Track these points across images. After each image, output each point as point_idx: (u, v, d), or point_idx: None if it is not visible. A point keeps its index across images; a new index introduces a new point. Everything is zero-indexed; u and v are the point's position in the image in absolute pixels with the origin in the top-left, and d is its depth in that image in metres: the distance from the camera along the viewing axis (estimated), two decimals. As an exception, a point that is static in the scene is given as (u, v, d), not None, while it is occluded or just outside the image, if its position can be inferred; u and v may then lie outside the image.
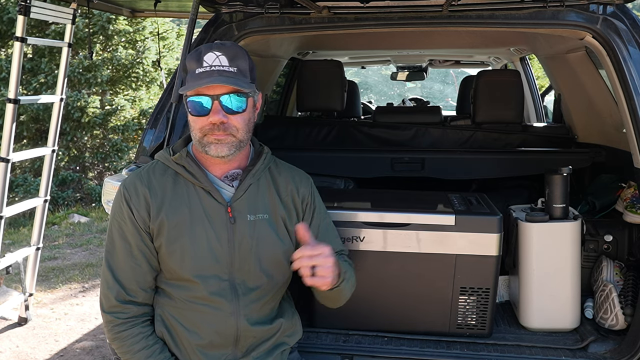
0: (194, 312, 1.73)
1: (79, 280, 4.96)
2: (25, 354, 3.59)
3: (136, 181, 1.74)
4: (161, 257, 1.74)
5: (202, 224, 1.71)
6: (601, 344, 2.11)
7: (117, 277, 1.72)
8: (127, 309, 1.72)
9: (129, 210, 1.71)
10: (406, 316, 2.16)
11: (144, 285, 1.74)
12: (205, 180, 1.73)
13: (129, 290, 1.72)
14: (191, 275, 1.71)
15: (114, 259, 1.74)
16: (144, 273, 1.74)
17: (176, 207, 1.72)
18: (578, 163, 2.95)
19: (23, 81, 9.66)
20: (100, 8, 3.56)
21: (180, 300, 1.74)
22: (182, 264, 1.71)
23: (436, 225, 2.07)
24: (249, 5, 2.26)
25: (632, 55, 2.06)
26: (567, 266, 2.19)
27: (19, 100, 3.56)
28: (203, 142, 1.69)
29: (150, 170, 1.77)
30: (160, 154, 1.81)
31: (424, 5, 2.15)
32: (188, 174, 1.74)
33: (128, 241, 1.72)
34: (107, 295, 1.73)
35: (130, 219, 1.71)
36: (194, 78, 1.67)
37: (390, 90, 19.46)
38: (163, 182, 1.74)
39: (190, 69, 1.69)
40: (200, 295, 1.71)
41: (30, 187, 8.95)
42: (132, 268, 1.72)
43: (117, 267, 1.73)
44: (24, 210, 3.97)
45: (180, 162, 1.75)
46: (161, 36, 10.69)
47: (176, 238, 1.70)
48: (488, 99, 3.31)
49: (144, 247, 1.72)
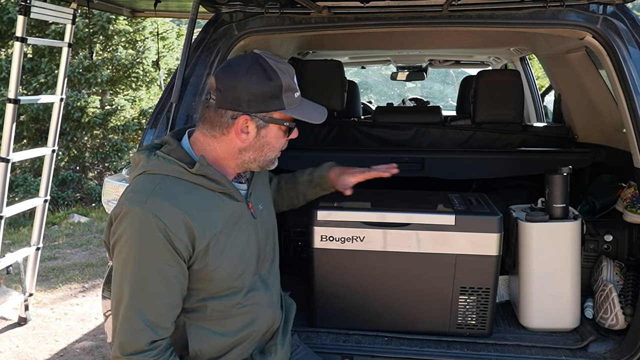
0: (234, 318, 1.69)
1: (79, 280, 4.96)
2: (25, 354, 3.59)
3: (167, 206, 1.53)
4: (203, 276, 1.61)
5: (235, 228, 1.67)
6: (601, 343, 2.11)
7: (149, 319, 1.53)
8: (156, 345, 1.56)
9: (165, 241, 1.51)
10: (406, 316, 2.16)
11: (175, 318, 1.61)
12: (229, 184, 1.67)
13: (161, 330, 1.56)
14: (235, 283, 1.66)
15: (144, 300, 1.54)
16: (178, 307, 1.60)
17: (212, 220, 1.61)
18: (578, 163, 2.95)
19: (23, 81, 9.66)
20: (100, 8, 3.56)
21: (218, 311, 1.66)
22: (228, 275, 1.64)
23: (436, 225, 2.07)
24: (249, 5, 2.26)
25: (632, 55, 2.06)
26: (567, 266, 2.19)
27: (19, 100, 3.57)
28: (273, 159, 1.72)
29: (172, 190, 1.57)
30: (166, 167, 1.60)
31: (424, 5, 2.15)
32: (210, 182, 1.62)
33: (165, 277, 1.54)
34: (134, 339, 1.54)
35: (169, 249, 1.52)
36: (299, 103, 1.68)
37: (390, 90, 19.44)
38: (191, 199, 1.58)
39: (288, 88, 1.63)
40: (240, 298, 1.68)
41: (30, 187, 8.95)
42: (168, 305, 1.56)
43: (149, 308, 1.54)
44: (24, 210, 3.98)
45: (202, 171, 1.61)
46: (161, 36, 10.70)
47: (220, 252, 1.61)
48: (488, 99, 3.31)
49: (181, 278, 1.57)
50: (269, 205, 1.89)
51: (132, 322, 1.54)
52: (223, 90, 1.61)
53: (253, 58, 1.63)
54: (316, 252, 2.13)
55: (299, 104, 1.68)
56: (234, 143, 1.65)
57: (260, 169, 1.74)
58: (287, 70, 1.64)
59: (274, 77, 1.60)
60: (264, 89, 1.60)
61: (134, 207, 1.52)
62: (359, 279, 2.15)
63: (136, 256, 1.53)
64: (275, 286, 1.84)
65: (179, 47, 10.83)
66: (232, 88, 1.60)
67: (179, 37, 11.09)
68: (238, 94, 1.60)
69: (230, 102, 1.60)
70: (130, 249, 1.53)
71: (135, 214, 1.52)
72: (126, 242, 1.54)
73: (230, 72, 1.62)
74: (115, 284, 1.58)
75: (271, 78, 1.60)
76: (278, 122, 1.64)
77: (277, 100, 1.62)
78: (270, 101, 1.61)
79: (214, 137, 1.65)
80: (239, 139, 1.63)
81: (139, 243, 1.53)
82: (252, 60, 1.62)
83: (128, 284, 1.54)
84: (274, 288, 1.82)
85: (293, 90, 1.65)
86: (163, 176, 1.59)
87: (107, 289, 2.22)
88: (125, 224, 1.53)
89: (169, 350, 1.59)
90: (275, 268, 1.86)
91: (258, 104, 1.61)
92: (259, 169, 1.74)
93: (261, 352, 1.79)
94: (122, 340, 1.55)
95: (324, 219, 2.11)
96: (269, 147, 1.67)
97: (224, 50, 2.28)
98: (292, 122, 1.68)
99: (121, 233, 1.54)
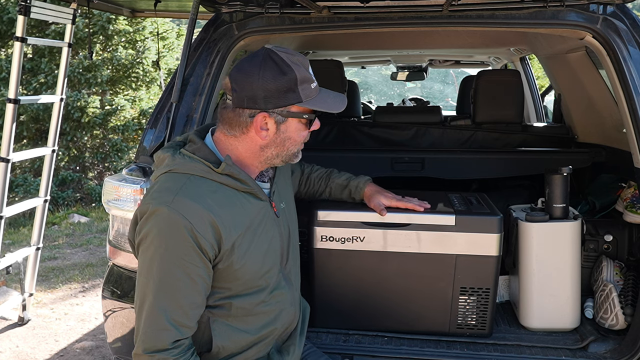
0: (258, 316, 1.69)
1: (79, 280, 4.96)
2: (25, 354, 3.59)
3: (194, 206, 1.53)
4: (228, 275, 1.61)
5: (259, 227, 1.68)
6: (601, 344, 2.11)
7: (173, 318, 1.54)
8: (179, 344, 1.56)
9: (191, 241, 1.51)
10: (406, 316, 2.16)
11: (198, 317, 1.61)
12: (253, 183, 1.67)
13: (184, 329, 1.56)
14: (259, 281, 1.67)
15: (169, 299, 1.54)
16: (201, 306, 1.60)
17: (237, 220, 1.61)
18: (578, 163, 2.95)
19: (23, 81, 9.66)
20: (100, 8, 3.57)
21: (242, 309, 1.66)
22: (253, 274, 1.65)
23: (436, 225, 2.07)
24: (249, 5, 2.26)
25: (632, 55, 2.06)
26: (567, 266, 2.19)
27: (19, 100, 3.57)
28: (296, 153, 1.72)
29: (198, 190, 1.57)
30: (192, 166, 1.60)
31: (424, 5, 2.15)
32: (235, 181, 1.62)
33: (190, 276, 1.53)
34: (157, 338, 1.54)
35: (195, 250, 1.52)
36: (316, 92, 1.67)
37: (390, 90, 19.44)
38: (218, 199, 1.58)
39: (303, 80, 1.62)
40: (264, 297, 1.69)
41: (30, 187, 8.95)
42: (193, 304, 1.57)
43: (174, 307, 1.54)
44: (24, 210, 3.97)
45: (227, 171, 1.60)
46: (161, 36, 10.70)
47: (245, 251, 1.62)
48: (488, 99, 3.31)
49: (206, 278, 1.57)
50: (291, 202, 1.91)
51: (156, 321, 1.54)
52: (238, 90, 1.60)
53: (265, 54, 1.61)
54: (316, 252, 2.13)
55: (317, 95, 1.67)
56: (254, 141, 1.65)
57: (284, 163, 1.74)
58: (300, 62, 1.63)
59: (287, 71, 1.59)
60: (278, 84, 1.59)
61: (161, 207, 1.52)
62: (359, 279, 2.15)
63: (162, 255, 1.53)
64: (297, 284, 1.86)
65: (179, 47, 10.84)
66: (247, 87, 1.59)
67: (179, 37, 11.10)
68: (254, 92, 1.59)
69: (247, 101, 1.60)
70: (157, 248, 1.53)
71: (161, 213, 1.51)
72: (152, 241, 1.53)
73: (243, 71, 1.61)
74: (139, 282, 1.58)
75: (285, 72, 1.59)
76: (297, 115, 1.64)
77: (293, 93, 1.61)
78: (287, 95, 1.60)
79: (234, 137, 1.65)
80: (259, 137, 1.63)
81: (165, 243, 1.52)
82: (264, 56, 1.61)
83: (153, 283, 1.54)
84: (296, 286, 1.84)
85: (309, 81, 1.64)
86: (189, 175, 1.59)
87: (107, 289, 2.22)
88: (152, 224, 1.53)
89: (191, 350, 1.60)
90: (297, 266, 1.88)
91: (274, 100, 1.60)
92: (283, 163, 1.74)
93: (278, 351, 1.80)
94: (145, 338, 1.55)
95: (324, 219, 2.11)
96: (290, 141, 1.67)
97: (224, 50, 2.28)
98: (311, 113, 1.68)
99: (147, 232, 1.54)
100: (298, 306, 1.85)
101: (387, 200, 2.08)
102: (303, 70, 1.63)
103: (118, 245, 2.19)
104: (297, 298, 1.86)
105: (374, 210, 2.09)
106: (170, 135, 2.20)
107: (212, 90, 2.26)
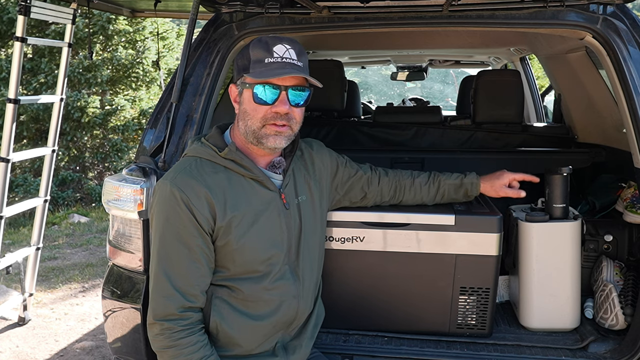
0: (257, 303, 1.75)
1: (79, 280, 4.96)
2: (25, 354, 3.59)
3: (191, 182, 1.67)
4: (227, 254, 1.71)
5: (263, 214, 1.74)
6: (601, 344, 2.11)
7: (177, 284, 1.66)
8: (187, 316, 1.67)
9: (188, 213, 1.65)
10: (406, 316, 2.16)
11: (204, 288, 1.71)
12: (258, 171, 1.76)
13: (190, 296, 1.67)
14: (260, 267, 1.74)
15: (171, 266, 1.67)
16: (205, 276, 1.70)
17: (237, 202, 1.71)
18: (578, 163, 2.95)
19: (23, 81, 9.66)
20: (100, 8, 3.56)
21: (243, 292, 1.73)
22: (251, 257, 1.72)
23: (436, 225, 2.07)
24: (249, 5, 2.26)
25: (632, 55, 2.06)
26: (567, 266, 2.19)
27: (19, 100, 3.57)
28: (260, 134, 1.72)
29: (199, 169, 1.71)
30: (201, 150, 1.76)
31: (424, 5, 2.15)
32: (239, 167, 1.73)
33: (188, 245, 1.66)
34: (164, 304, 1.66)
35: (191, 221, 1.65)
36: (264, 66, 1.69)
37: (390, 90, 19.46)
38: (217, 179, 1.71)
39: (257, 57, 1.70)
40: (267, 284, 1.75)
41: (30, 187, 8.95)
42: (194, 273, 1.67)
43: (176, 274, 1.66)
44: (24, 210, 3.97)
45: (230, 156, 1.73)
46: (161, 36, 10.71)
47: (243, 233, 1.70)
48: (488, 99, 3.31)
49: (205, 249, 1.68)
50: (316, 199, 1.92)
51: (162, 288, 1.67)
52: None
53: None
54: (316, 252, 2.13)
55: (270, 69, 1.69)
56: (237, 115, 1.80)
57: (258, 143, 1.75)
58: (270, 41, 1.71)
59: (251, 47, 1.73)
60: (242, 58, 1.76)
61: (165, 182, 1.69)
62: (358, 279, 2.15)
63: (164, 225, 1.68)
64: (309, 281, 1.87)
65: (179, 47, 10.84)
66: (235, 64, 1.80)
67: (179, 37, 11.10)
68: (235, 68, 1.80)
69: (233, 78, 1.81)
70: (159, 220, 1.69)
71: (165, 187, 1.68)
72: (157, 214, 1.70)
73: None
74: (151, 254, 1.73)
75: (249, 47, 1.73)
76: (249, 86, 1.72)
77: (246, 65, 1.73)
78: (243, 66, 1.75)
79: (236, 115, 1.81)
80: (236, 107, 1.80)
81: (166, 214, 1.67)
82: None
83: (157, 252, 1.69)
84: (306, 282, 1.85)
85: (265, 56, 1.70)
86: (197, 158, 1.75)
87: (107, 289, 2.22)
88: (157, 198, 1.70)
89: (200, 326, 1.69)
90: (312, 264, 1.88)
91: (237, 72, 1.77)
92: (257, 143, 1.75)
93: (284, 348, 1.82)
94: (155, 305, 1.68)
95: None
96: (248, 115, 1.74)
97: (224, 50, 2.27)
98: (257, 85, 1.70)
99: (154, 206, 1.72)
100: (305, 301, 1.85)
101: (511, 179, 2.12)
102: (265, 46, 1.70)
103: (118, 245, 2.19)
104: (307, 293, 1.86)
105: (373, 210, 2.09)
106: (170, 135, 2.20)
107: (212, 90, 2.26)
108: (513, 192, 2.12)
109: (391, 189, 2.11)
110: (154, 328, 1.68)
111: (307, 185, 1.90)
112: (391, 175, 2.12)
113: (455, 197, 2.14)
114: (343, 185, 2.05)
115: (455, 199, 2.15)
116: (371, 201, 2.11)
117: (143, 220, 2.06)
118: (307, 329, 1.89)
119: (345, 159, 2.09)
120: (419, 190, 2.12)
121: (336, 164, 2.03)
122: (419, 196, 2.13)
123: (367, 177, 2.08)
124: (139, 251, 2.09)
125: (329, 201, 2.01)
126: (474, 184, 2.12)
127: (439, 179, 2.13)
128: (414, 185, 2.12)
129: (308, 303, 1.87)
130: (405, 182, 2.12)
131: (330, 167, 2.01)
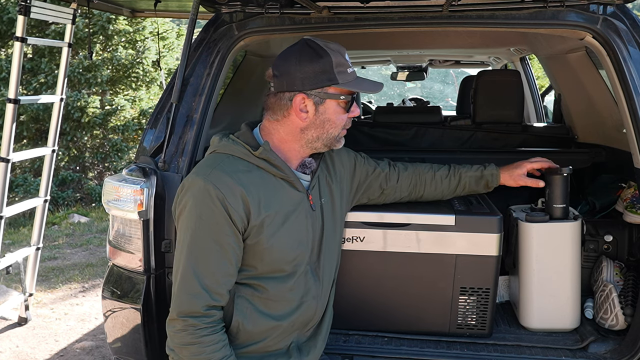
0: (280, 302, 1.75)
1: (79, 280, 4.96)
2: (25, 354, 3.59)
3: (226, 179, 1.66)
4: (256, 253, 1.71)
5: (292, 215, 1.76)
6: (601, 344, 2.11)
7: (205, 283, 1.65)
8: (211, 314, 1.66)
9: (223, 211, 1.63)
10: (406, 316, 2.16)
11: (230, 287, 1.70)
12: (289, 171, 1.77)
13: (216, 295, 1.66)
14: (286, 267, 1.75)
15: (202, 264, 1.65)
16: (232, 275, 1.70)
17: (270, 201, 1.71)
18: (578, 163, 2.94)
19: (23, 81, 9.66)
20: (100, 8, 3.56)
21: (268, 291, 1.74)
22: (279, 257, 1.73)
23: (436, 225, 2.07)
24: (249, 5, 2.26)
25: (632, 55, 2.06)
26: (567, 266, 2.19)
27: (19, 100, 3.57)
28: (338, 137, 1.80)
29: (233, 167, 1.70)
30: (233, 147, 1.74)
31: (424, 5, 2.15)
32: (271, 166, 1.73)
33: (220, 243, 1.65)
34: (190, 302, 1.65)
35: (226, 219, 1.64)
36: (349, 76, 1.74)
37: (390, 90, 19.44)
38: (251, 177, 1.70)
39: (339, 64, 1.72)
40: (292, 283, 1.76)
41: (30, 187, 8.95)
42: (223, 271, 1.67)
43: (206, 272, 1.65)
44: (24, 210, 3.98)
45: (264, 155, 1.72)
46: (161, 36, 10.70)
47: (274, 232, 1.71)
48: (488, 99, 3.31)
49: (236, 248, 1.68)
50: (337, 201, 1.93)
51: (189, 285, 1.65)
52: (279, 75, 1.74)
53: (302, 42, 1.75)
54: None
55: (354, 80, 1.75)
56: (295, 123, 1.75)
57: (327, 148, 1.81)
58: (337, 48, 1.74)
59: (323, 55, 1.70)
60: (315, 67, 1.71)
61: (198, 178, 1.66)
62: (358, 279, 2.15)
63: (197, 223, 1.65)
64: (327, 284, 1.89)
65: (179, 47, 10.84)
66: (287, 71, 1.72)
67: (179, 37, 11.10)
68: (292, 76, 1.71)
69: (287, 85, 1.73)
70: (191, 216, 1.66)
71: (198, 184, 1.65)
72: (189, 210, 1.66)
73: (283, 58, 1.75)
74: (177, 250, 1.70)
75: (321, 55, 1.70)
76: (334, 96, 1.73)
77: (329, 75, 1.71)
78: (323, 77, 1.71)
79: (277, 121, 1.77)
80: (299, 119, 1.74)
81: (199, 211, 1.65)
82: (302, 43, 1.75)
83: (188, 249, 1.66)
84: (325, 283, 1.87)
85: (345, 65, 1.73)
86: (228, 155, 1.74)
87: (107, 289, 2.22)
88: (189, 194, 1.67)
89: (222, 324, 1.69)
90: (331, 266, 1.91)
91: (311, 81, 1.71)
92: (326, 148, 1.81)
93: (298, 348, 1.83)
94: (179, 302, 1.66)
95: (324, 219, 2.10)
96: (330, 123, 1.76)
97: (224, 50, 2.27)
98: (348, 95, 1.75)
99: (185, 202, 1.68)
100: (323, 301, 1.87)
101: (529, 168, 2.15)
102: (339, 56, 1.73)
103: (118, 246, 2.19)
104: (324, 294, 1.88)
105: (373, 210, 2.09)
106: (171, 136, 2.20)
107: (212, 90, 2.26)
108: (532, 181, 2.14)
109: (410, 184, 2.11)
110: (177, 324, 1.66)
111: (328, 188, 1.92)
112: (410, 170, 2.12)
113: (475, 189, 2.16)
114: (361, 185, 2.06)
115: (476, 190, 2.17)
116: (390, 197, 2.11)
117: (143, 221, 2.06)
118: (321, 330, 1.90)
119: (364, 156, 2.10)
120: (440, 183, 2.13)
121: (354, 162, 2.05)
122: (439, 190, 2.13)
123: (385, 174, 2.08)
124: (139, 251, 2.09)
125: (348, 203, 2.03)
126: (494, 174, 2.14)
127: (460, 172, 2.14)
128: (434, 179, 2.13)
129: (325, 304, 1.89)
130: (425, 177, 2.12)
131: (349, 167, 2.03)
